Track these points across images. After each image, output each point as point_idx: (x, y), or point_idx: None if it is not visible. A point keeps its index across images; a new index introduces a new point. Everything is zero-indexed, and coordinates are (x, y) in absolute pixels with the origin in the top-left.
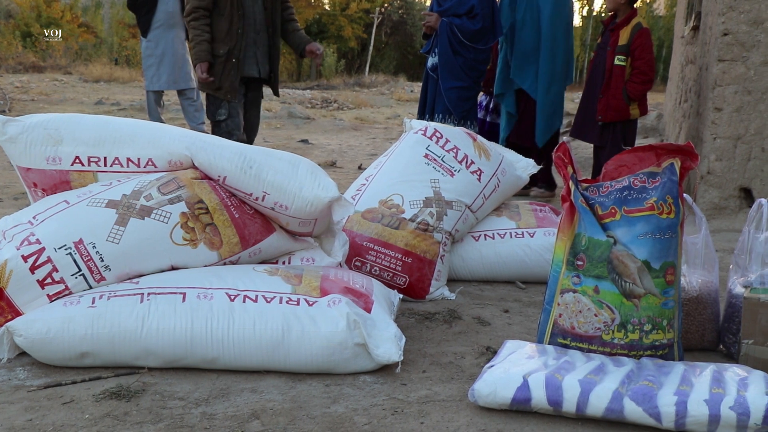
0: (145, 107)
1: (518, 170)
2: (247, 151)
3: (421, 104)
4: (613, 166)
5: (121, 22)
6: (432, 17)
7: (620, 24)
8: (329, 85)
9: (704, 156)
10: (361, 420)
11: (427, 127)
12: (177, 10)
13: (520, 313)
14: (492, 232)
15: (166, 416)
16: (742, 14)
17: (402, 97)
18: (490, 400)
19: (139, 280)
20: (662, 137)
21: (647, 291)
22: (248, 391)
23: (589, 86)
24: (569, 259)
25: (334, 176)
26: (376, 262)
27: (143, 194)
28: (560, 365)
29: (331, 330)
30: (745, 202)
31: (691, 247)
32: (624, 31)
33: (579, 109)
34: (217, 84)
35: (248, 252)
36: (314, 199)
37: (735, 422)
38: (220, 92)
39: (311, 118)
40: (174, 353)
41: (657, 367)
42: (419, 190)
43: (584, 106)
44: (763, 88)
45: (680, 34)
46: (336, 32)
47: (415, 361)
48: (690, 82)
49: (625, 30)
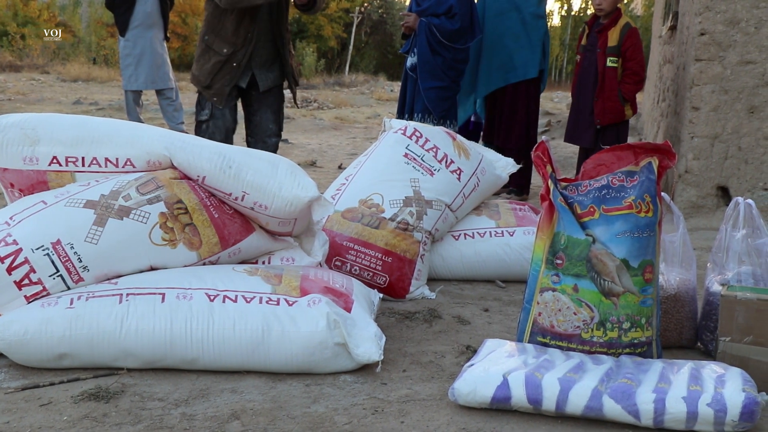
0: (124, 107)
1: (498, 169)
2: (227, 151)
3: (400, 104)
4: (591, 165)
5: (99, 21)
6: (410, 17)
7: (608, 25)
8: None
9: (682, 155)
10: (341, 419)
11: (407, 127)
12: (155, 9)
13: (500, 312)
14: (472, 231)
15: (145, 417)
16: (718, 14)
17: (382, 97)
18: (470, 399)
19: (118, 281)
20: (641, 136)
21: (626, 289)
22: (228, 391)
23: (580, 89)
24: (548, 257)
25: (314, 176)
26: (356, 261)
27: (122, 194)
28: (540, 364)
29: (311, 330)
30: (722, 201)
31: (669, 245)
32: (613, 32)
33: (570, 113)
34: (206, 82)
35: (228, 252)
36: (294, 198)
37: (712, 419)
38: (208, 92)
39: (291, 117)
40: (153, 354)
41: (636, 365)
42: (399, 190)
43: (576, 110)
44: (739, 87)
45: (658, 34)
46: (316, 32)
47: (395, 361)
48: (668, 81)
49: (614, 30)
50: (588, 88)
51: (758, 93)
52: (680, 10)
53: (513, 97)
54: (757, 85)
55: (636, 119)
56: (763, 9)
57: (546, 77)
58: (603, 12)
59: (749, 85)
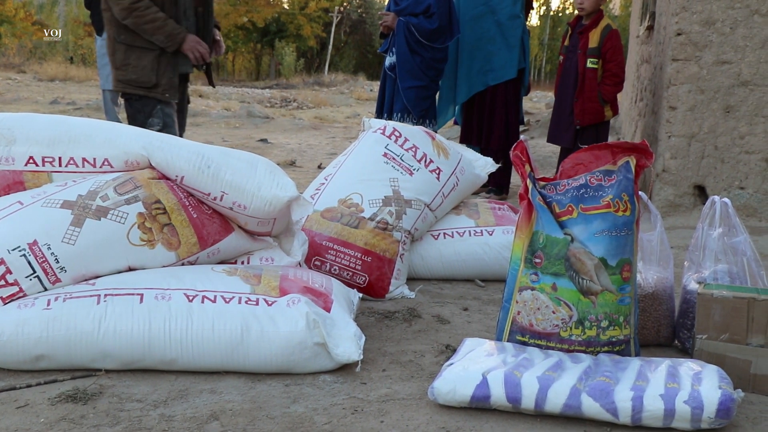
0: (102, 107)
1: (477, 169)
2: (205, 151)
3: (379, 103)
4: (570, 164)
5: (77, 20)
6: (389, 17)
7: (589, 26)
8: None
9: (659, 154)
10: (320, 419)
11: (386, 126)
12: None
13: (479, 311)
14: (451, 230)
15: (123, 418)
16: (694, 15)
17: (361, 96)
18: (450, 398)
19: (96, 282)
20: (619, 135)
21: (604, 288)
22: (207, 392)
23: (562, 90)
24: (527, 256)
25: (294, 175)
26: (335, 261)
27: (99, 194)
28: (519, 362)
29: (291, 330)
30: (699, 200)
31: (647, 244)
32: (593, 33)
33: (553, 114)
34: (152, 80)
35: (207, 252)
36: (273, 198)
37: (689, 416)
38: (157, 91)
39: (270, 117)
40: (132, 355)
41: (614, 363)
42: (378, 189)
43: (558, 110)
44: (715, 87)
45: (635, 34)
46: (295, 31)
47: (375, 360)
48: (645, 81)
49: (595, 32)
50: (569, 88)
51: (734, 93)
52: (657, 11)
53: (492, 98)
54: (733, 85)
55: (614, 119)
56: (738, 10)
57: (527, 76)
58: (585, 12)
59: (725, 84)
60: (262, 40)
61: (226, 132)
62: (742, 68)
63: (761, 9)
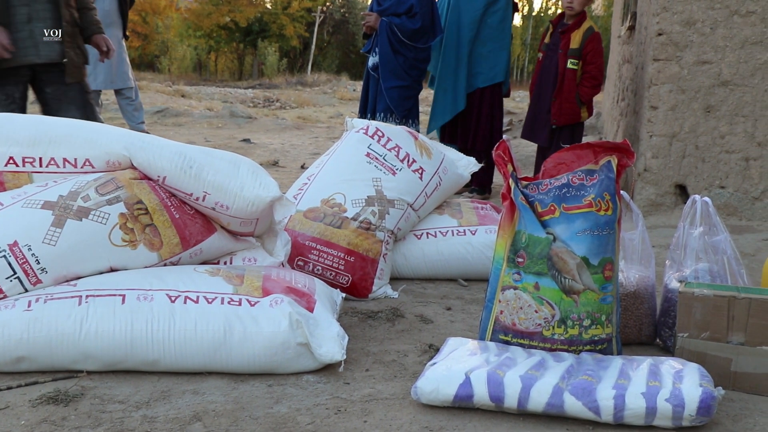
0: None
1: (459, 168)
2: (188, 151)
3: (362, 103)
4: (552, 164)
5: None
6: (371, 17)
7: (572, 27)
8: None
9: (641, 153)
10: (304, 420)
11: (369, 126)
12: (114, 8)
13: (462, 311)
14: (434, 230)
15: (105, 420)
16: (675, 15)
17: (344, 96)
18: (433, 398)
19: (77, 283)
20: (601, 135)
21: (586, 287)
22: (190, 392)
23: (539, 88)
24: (510, 256)
25: (277, 175)
26: (318, 261)
27: (80, 195)
28: (502, 361)
29: (274, 330)
30: (680, 199)
31: (629, 243)
32: (576, 34)
33: (529, 110)
34: None
35: (189, 252)
36: (255, 198)
37: (671, 414)
38: None
39: (253, 117)
40: (114, 356)
41: (596, 361)
42: (361, 189)
43: (534, 108)
44: (696, 87)
45: (617, 34)
46: (278, 31)
47: (358, 360)
48: (627, 81)
49: (577, 33)
50: (548, 87)
51: (714, 93)
52: (638, 11)
53: (480, 100)
54: (713, 85)
55: (596, 118)
56: (718, 10)
57: (508, 78)
58: (573, 11)
59: (705, 84)
60: (245, 39)
61: (208, 132)
62: (722, 68)
63: (740, 10)
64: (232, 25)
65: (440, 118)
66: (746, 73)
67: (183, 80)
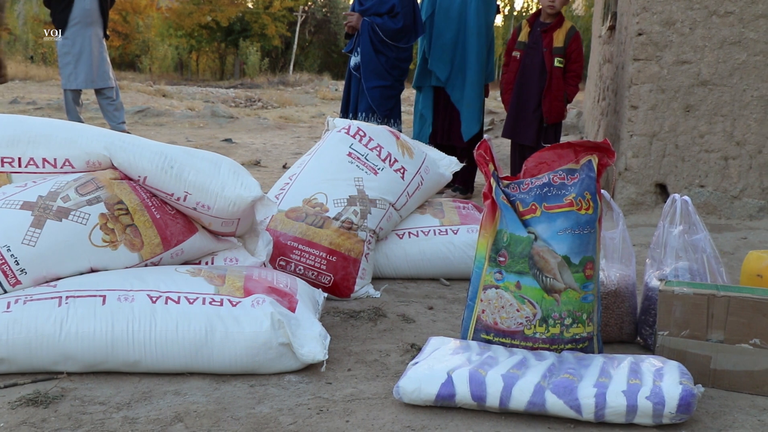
0: (63, 106)
1: (441, 168)
2: (168, 151)
3: (344, 103)
4: (533, 163)
5: (37, 19)
6: (353, 17)
7: (554, 26)
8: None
9: (621, 153)
10: (286, 420)
11: (351, 126)
12: (95, 7)
13: (444, 310)
14: (416, 229)
15: (86, 422)
16: (655, 15)
17: (326, 96)
18: (415, 397)
19: (57, 284)
20: (582, 134)
21: (567, 286)
22: (171, 393)
23: (522, 87)
24: (491, 255)
25: (259, 175)
26: (300, 261)
27: (60, 195)
28: (484, 360)
29: (255, 330)
30: (660, 198)
31: (609, 242)
32: (559, 33)
33: (511, 109)
34: None
35: (170, 253)
36: (237, 198)
37: (651, 411)
38: None
39: (235, 117)
40: (94, 357)
41: (577, 360)
42: (343, 189)
43: (517, 107)
44: (675, 86)
45: (598, 34)
46: (259, 30)
47: (340, 360)
48: (607, 80)
49: (560, 32)
50: (532, 86)
51: (693, 92)
52: (619, 11)
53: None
54: (693, 85)
55: (577, 118)
56: (697, 10)
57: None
58: (554, 10)
59: (685, 84)
60: (226, 39)
61: (190, 132)
62: (702, 68)
63: (719, 10)
64: (213, 24)
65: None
66: (725, 72)
67: (164, 80)
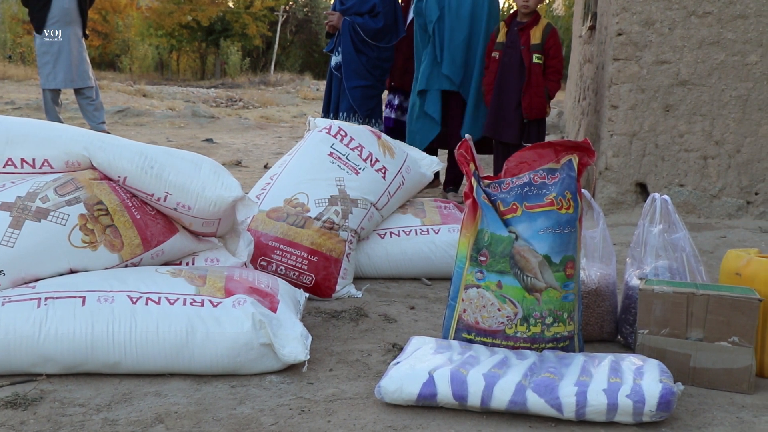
0: (42, 106)
1: (422, 168)
2: (148, 151)
3: (325, 103)
4: (514, 162)
5: (15, 18)
6: (334, 16)
7: (530, 24)
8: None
9: (602, 152)
10: (267, 420)
11: (332, 126)
12: (73, 6)
13: (425, 310)
14: (397, 229)
15: (65, 424)
16: (634, 15)
17: (308, 96)
18: (397, 397)
19: (36, 285)
20: (563, 134)
21: (548, 285)
22: (152, 395)
23: (501, 86)
24: (472, 255)
25: (240, 175)
26: (281, 261)
27: (39, 196)
28: (465, 360)
29: (237, 331)
30: (640, 197)
31: (590, 241)
32: (536, 30)
33: (492, 107)
34: None
35: (150, 253)
36: (217, 198)
37: (631, 410)
38: None
39: (216, 117)
40: (74, 359)
41: (558, 359)
42: (324, 189)
43: (498, 105)
44: (655, 86)
45: (578, 34)
46: (240, 30)
47: (321, 360)
48: (588, 80)
49: (537, 29)
50: (512, 83)
51: (673, 92)
52: (599, 11)
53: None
54: (672, 84)
55: (558, 117)
56: (675, 11)
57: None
58: (528, 9)
59: (664, 84)
60: (207, 39)
61: (170, 132)
62: (681, 68)
63: (698, 10)
64: (194, 24)
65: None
66: (704, 72)
67: (144, 80)
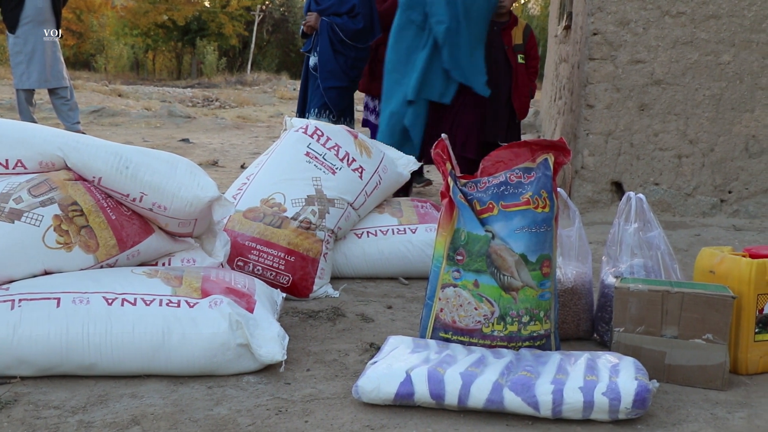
0: (16, 106)
1: (399, 167)
2: (124, 151)
3: (300, 102)
4: (490, 162)
5: None
6: (312, 16)
7: (511, 24)
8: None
9: (578, 151)
10: (244, 421)
11: (308, 126)
12: (47, 5)
13: (403, 309)
14: (374, 229)
15: (40, 426)
16: (609, 15)
17: (285, 95)
18: (374, 396)
19: (10, 287)
20: (539, 133)
21: (524, 284)
22: (128, 396)
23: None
24: (449, 254)
25: (216, 175)
26: (258, 261)
27: (12, 197)
28: (442, 359)
29: (213, 331)
30: (616, 196)
31: (566, 239)
32: (516, 31)
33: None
34: None
35: (126, 254)
36: (193, 199)
37: (607, 407)
38: None
39: (192, 116)
40: (49, 361)
41: (535, 357)
42: (301, 189)
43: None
44: (630, 85)
45: (554, 34)
46: (216, 30)
47: (299, 360)
48: (564, 79)
49: (517, 29)
50: (498, 84)
51: (647, 91)
52: (574, 11)
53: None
54: (647, 84)
55: (535, 117)
56: (650, 11)
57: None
58: (505, 9)
59: (639, 83)
60: (183, 38)
61: (146, 132)
62: (655, 67)
63: (671, 10)
64: (169, 23)
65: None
66: (678, 72)
67: (120, 79)
